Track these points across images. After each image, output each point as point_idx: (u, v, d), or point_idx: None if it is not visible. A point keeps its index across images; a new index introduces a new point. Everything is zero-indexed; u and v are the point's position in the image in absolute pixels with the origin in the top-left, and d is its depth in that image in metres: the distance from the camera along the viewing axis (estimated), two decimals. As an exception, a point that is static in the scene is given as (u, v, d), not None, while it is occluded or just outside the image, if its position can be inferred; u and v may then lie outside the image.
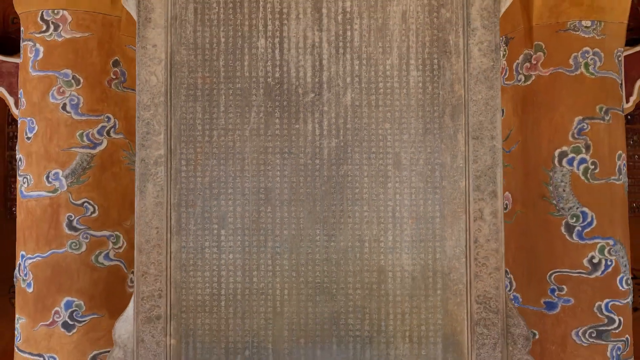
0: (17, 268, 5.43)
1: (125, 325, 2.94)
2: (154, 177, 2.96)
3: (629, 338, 5.38)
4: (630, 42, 6.28)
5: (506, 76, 5.81)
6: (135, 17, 3.02)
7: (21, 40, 5.50)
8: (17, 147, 5.50)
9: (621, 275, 5.32)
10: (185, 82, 3.01)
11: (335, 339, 3.00)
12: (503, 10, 2.99)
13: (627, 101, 5.78)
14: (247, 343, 3.00)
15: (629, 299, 5.41)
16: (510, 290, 5.66)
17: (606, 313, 5.31)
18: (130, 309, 2.95)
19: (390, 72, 3.00)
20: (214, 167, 3.04)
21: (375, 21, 3.00)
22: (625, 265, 5.35)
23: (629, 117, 8.44)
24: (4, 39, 7.82)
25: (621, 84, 5.54)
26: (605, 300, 5.34)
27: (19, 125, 5.50)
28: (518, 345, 2.94)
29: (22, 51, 5.45)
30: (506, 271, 5.72)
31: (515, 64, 5.64)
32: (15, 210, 8.48)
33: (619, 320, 5.32)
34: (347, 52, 3.00)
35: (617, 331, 5.33)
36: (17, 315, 5.39)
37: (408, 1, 2.99)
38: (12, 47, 7.49)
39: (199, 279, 3.01)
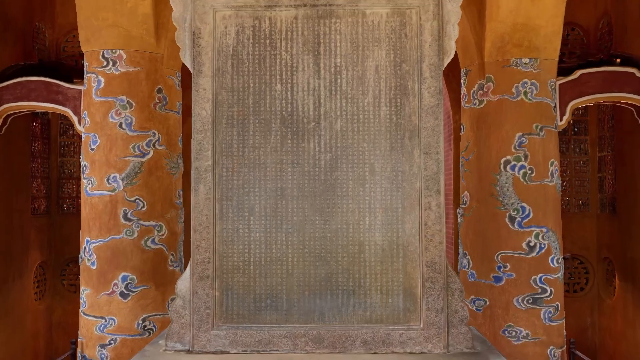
0: (82, 250, 6.16)
1: (184, 283, 3.72)
2: (204, 180, 3.68)
3: (559, 305, 6.15)
4: (566, 71, 7.05)
5: (466, 100, 6.59)
6: (191, 69, 3.76)
7: (85, 72, 6.24)
8: (81, 156, 6.23)
9: (552, 255, 6.09)
10: (225, 114, 3.72)
11: (329, 292, 3.69)
12: (445, 65, 3.71)
13: (561, 120, 6.47)
14: (268, 294, 3.70)
15: (559, 274, 6.18)
16: (467, 268, 6.42)
17: (540, 285, 6.06)
18: (187, 271, 3.70)
19: (367, 108, 3.70)
20: (245, 173, 3.73)
21: (357, 72, 3.70)
22: (556, 248, 6.13)
23: (575, 129, 9.23)
24: (58, 65, 8.56)
25: (555, 106, 6.30)
26: (540, 275, 6.07)
27: (83, 139, 6.24)
28: (455, 296, 3.66)
29: (86, 81, 6.20)
30: (465, 253, 6.49)
31: (472, 90, 6.40)
32: (66, 207, 9.31)
33: (551, 290, 6.08)
34: (337, 94, 3.70)
35: (549, 299, 6.08)
36: (82, 287, 6.12)
37: (379, 59, 3.71)
38: (64, 72, 8.16)
39: (235, 250, 3.71)
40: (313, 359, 3.50)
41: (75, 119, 6.56)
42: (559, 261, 6.19)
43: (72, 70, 8.38)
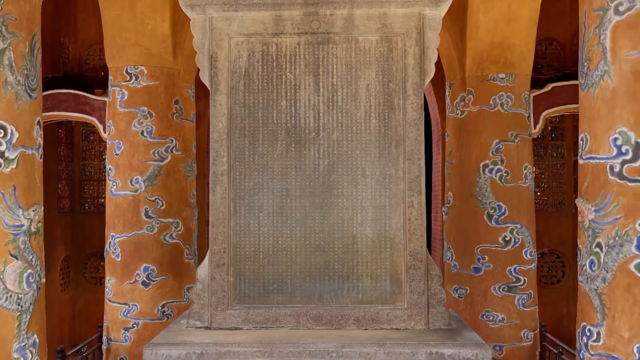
0: (107, 245, 6.43)
1: (203, 270, 3.99)
2: (220, 182, 3.98)
3: (532, 292, 6.42)
4: (542, 83, 7.35)
5: (449, 110, 6.88)
6: (209, 87, 4.05)
7: (110, 85, 6.54)
8: (106, 160, 6.50)
9: (526, 248, 6.35)
10: (238, 126, 4.01)
11: (327, 277, 3.97)
12: (426, 84, 4.01)
13: (535, 128, 6.76)
14: (275, 279, 3.98)
15: (532, 266, 6.43)
16: (451, 260, 6.70)
17: (515, 274, 6.31)
18: (206, 260, 3.98)
19: (359, 121, 4.00)
20: (255, 176, 4.01)
21: (351, 90, 4.01)
22: (530, 242, 6.41)
23: (552, 135, 9.57)
24: (81, 76, 8.89)
25: (529, 116, 6.59)
26: (514, 266, 6.32)
27: (107, 145, 6.54)
28: (434, 281, 3.96)
29: (110, 93, 6.49)
30: (449, 247, 6.78)
31: (455, 102, 6.68)
32: (87, 206, 9.66)
33: (524, 279, 6.33)
34: (334, 109, 4.00)
35: (522, 287, 6.33)
36: (107, 277, 6.39)
37: (370, 78, 4.01)
38: (86, 83, 8.48)
39: (246, 242, 3.99)
40: (313, 334, 3.80)
41: (100, 127, 6.84)
42: (532, 254, 6.41)
43: (93, 82, 8.69)
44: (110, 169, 6.42)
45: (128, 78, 6.28)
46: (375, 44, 4.07)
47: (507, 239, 6.32)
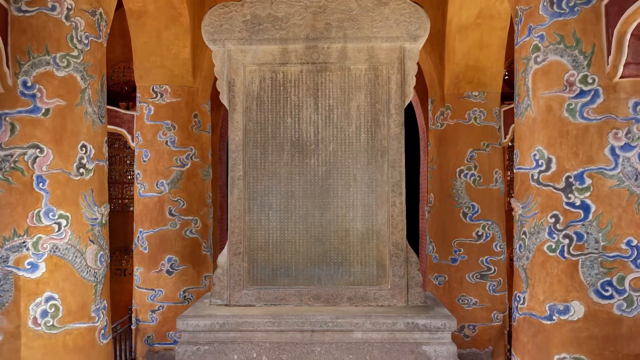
0: (135, 239, 6.78)
1: (222, 257, 4.40)
2: (237, 186, 4.38)
3: (501, 280, 6.69)
4: (512, 98, 7.74)
5: (431, 123, 7.26)
6: (227, 108, 4.41)
7: (138, 102, 6.91)
8: (135, 166, 6.88)
9: (496, 242, 6.68)
10: (251, 139, 4.42)
11: (324, 264, 4.37)
12: (406, 104, 4.34)
13: (505, 138, 7.02)
14: (282, 265, 4.39)
15: (502, 257, 6.73)
16: (432, 252, 7.03)
17: (486, 264, 6.64)
18: (225, 249, 4.39)
19: (351, 135, 4.40)
20: (266, 181, 4.41)
21: (344, 109, 4.42)
22: (499, 237, 6.71)
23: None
24: (108, 92, 9.35)
25: (499, 128, 6.94)
26: (486, 257, 6.65)
27: (136, 153, 6.91)
28: (412, 266, 4.37)
29: (138, 108, 6.84)
30: (430, 241, 7.17)
31: (436, 116, 7.03)
32: (112, 206, 10.13)
33: (494, 268, 6.66)
34: (330, 125, 4.41)
35: (493, 275, 6.67)
36: (135, 267, 6.72)
37: (360, 100, 4.42)
38: (112, 97, 8.91)
39: (258, 235, 4.39)
40: (313, 309, 4.23)
41: (129, 137, 7.22)
42: (501, 246, 6.73)
43: (119, 96, 9.12)
44: (138, 173, 6.80)
45: (154, 95, 6.66)
46: (364, 72, 4.46)
47: (479, 233, 6.64)
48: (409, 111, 10.02)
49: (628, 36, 2.97)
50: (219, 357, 4.13)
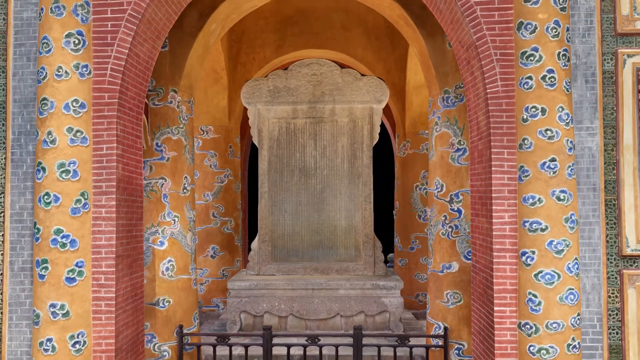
0: None
1: (255, 243, 5.57)
2: (264, 197, 5.59)
3: None
4: None
5: (397, 152, 8.54)
6: (257, 146, 5.63)
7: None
8: None
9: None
10: (273, 167, 5.63)
11: (320, 248, 5.55)
12: (374, 144, 5.52)
13: None
14: (293, 249, 5.57)
15: None
16: (398, 243, 7.86)
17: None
18: (256, 238, 5.57)
19: (338, 164, 5.60)
20: (283, 194, 5.59)
21: (333, 147, 5.65)
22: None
23: None
24: None
25: None
26: None
27: None
28: (378, 249, 5.54)
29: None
30: (396, 235, 8.11)
31: (400, 146, 7.95)
32: None
33: None
34: (325, 158, 5.63)
35: None
36: None
37: (343, 142, 5.63)
38: None
39: (278, 229, 5.57)
40: (314, 277, 5.44)
41: None
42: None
43: None
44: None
45: (202, 133, 7.82)
46: (347, 123, 5.70)
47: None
48: (388, 144, 11.04)
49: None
50: (254, 305, 5.34)
